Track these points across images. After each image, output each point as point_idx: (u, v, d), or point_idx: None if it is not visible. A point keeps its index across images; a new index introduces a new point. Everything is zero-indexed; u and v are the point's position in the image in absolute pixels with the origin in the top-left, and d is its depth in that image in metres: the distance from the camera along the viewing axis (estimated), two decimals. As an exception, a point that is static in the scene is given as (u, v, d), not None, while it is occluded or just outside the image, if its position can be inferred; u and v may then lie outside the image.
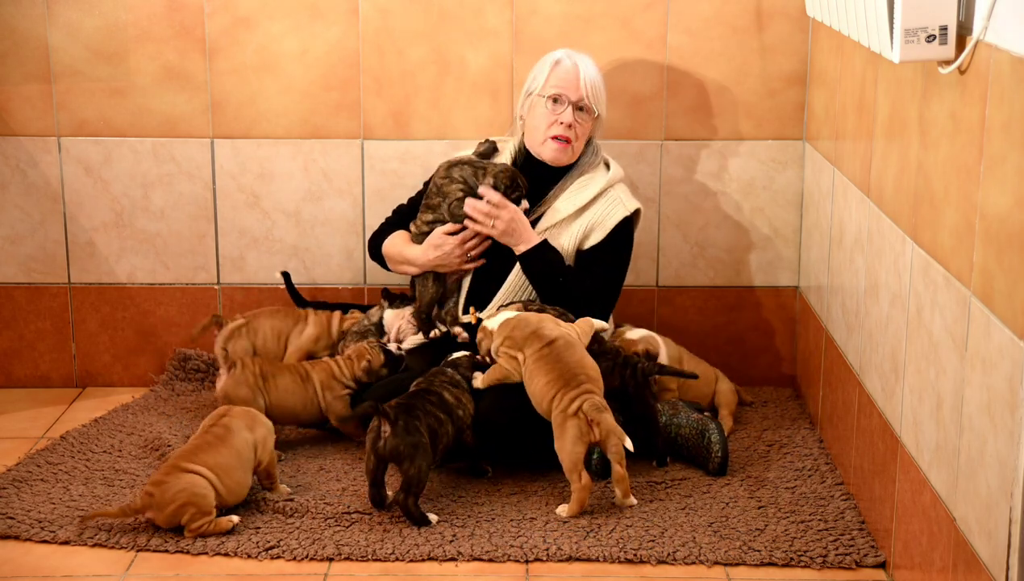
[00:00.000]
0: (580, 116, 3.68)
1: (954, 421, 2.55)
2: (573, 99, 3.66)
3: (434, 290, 3.76)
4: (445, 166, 3.74)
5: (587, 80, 3.67)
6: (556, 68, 3.69)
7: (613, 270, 3.70)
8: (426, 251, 3.73)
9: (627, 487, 3.30)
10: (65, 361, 4.29)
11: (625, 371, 3.52)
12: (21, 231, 4.19)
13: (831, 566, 3.10)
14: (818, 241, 3.88)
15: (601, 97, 3.71)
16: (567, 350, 3.35)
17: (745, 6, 4.01)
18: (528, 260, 3.66)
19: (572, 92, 3.66)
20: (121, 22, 4.05)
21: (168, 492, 3.15)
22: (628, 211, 3.70)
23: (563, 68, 3.68)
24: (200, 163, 4.16)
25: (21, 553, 3.17)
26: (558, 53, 3.72)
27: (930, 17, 2.51)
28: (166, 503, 3.15)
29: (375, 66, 4.08)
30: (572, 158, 3.73)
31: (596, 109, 3.68)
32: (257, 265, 4.23)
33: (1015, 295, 2.24)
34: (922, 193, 2.77)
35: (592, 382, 3.31)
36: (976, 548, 2.42)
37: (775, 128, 4.10)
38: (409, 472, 3.20)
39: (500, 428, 3.46)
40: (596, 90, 3.69)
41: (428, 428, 3.25)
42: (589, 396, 3.26)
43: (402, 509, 3.23)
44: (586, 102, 3.66)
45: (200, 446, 3.24)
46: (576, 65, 3.68)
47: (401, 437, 3.19)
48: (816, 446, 3.74)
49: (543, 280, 3.65)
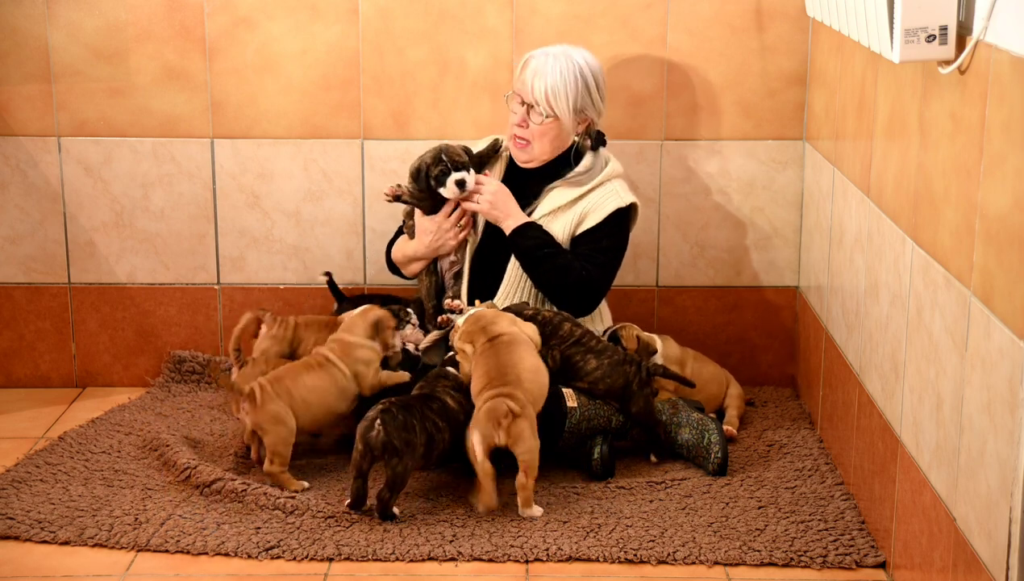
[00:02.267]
0: (533, 116, 3.66)
1: (954, 421, 2.55)
2: (526, 101, 3.67)
3: (428, 282, 3.80)
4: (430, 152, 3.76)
5: (536, 84, 3.63)
6: (524, 67, 3.70)
7: (606, 255, 3.68)
8: (421, 239, 3.77)
9: (528, 496, 3.25)
10: (65, 361, 4.29)
11: (629, 369, 3.52)
12: (21, 231, 4.19)
13: (831, 566, 3.10)
14: (818, 241, 3.88)
15: (560, 101, 3.63)
16: (506, 348, 3.32)
17: (745, 6, 4.01)
18: (518, 237, 3.65)
19: (525, 94, 3.66)
20: (121, 22, 4.05)
21: (266, 411, 3.36)
22: (623, 203, 3.70)
23: (528, 68, 3.68)
24: (200, 163, 4.16)
25: (21, 553, 3.17)
26: (539, 50, 3.71)
27: (930, 17, 2.51)
28: (264, 419, 3.37)
29: (375, 66, 4.08)
30: (533, 159, 3.72)
31: (547, 112, 3.64)
32: (257, 265, 4.23)
33: (1015, 295, 2.24)
34: (922, 193, 2.77)
35: (517, 384, 3.25)
36: (976, 548, 2.42)
37: (775, 128, 4.10)
38: (396, 469, 3.19)
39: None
40: (549, 93, 3.62)
41: (426, 433, 3.24)
42: (502, 399, 3.21)
43: (379, 503, 3.24)
44: (536, 107, 3.64)
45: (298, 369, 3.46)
46: (534, 66, 3.65)
47: (397, 432, 3.18)
48: (816, 446, 3.74)
49: (534, 261, 3.64)
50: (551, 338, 3.54)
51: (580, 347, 3.55)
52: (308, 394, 3.45)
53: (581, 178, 3.72)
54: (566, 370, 3.54)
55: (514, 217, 3.67)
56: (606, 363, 3.53)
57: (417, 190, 3.75)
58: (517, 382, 3.26)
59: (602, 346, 3.57)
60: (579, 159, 3.74)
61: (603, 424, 3.56)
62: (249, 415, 3.39)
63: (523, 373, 3.28)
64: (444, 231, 3.75)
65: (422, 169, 3.71)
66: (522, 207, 3.71)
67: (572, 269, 3.63)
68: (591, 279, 3.65)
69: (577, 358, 3.54)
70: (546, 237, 3.66)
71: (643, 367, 3.53)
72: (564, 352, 3.53)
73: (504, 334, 3.36)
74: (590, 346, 3.55)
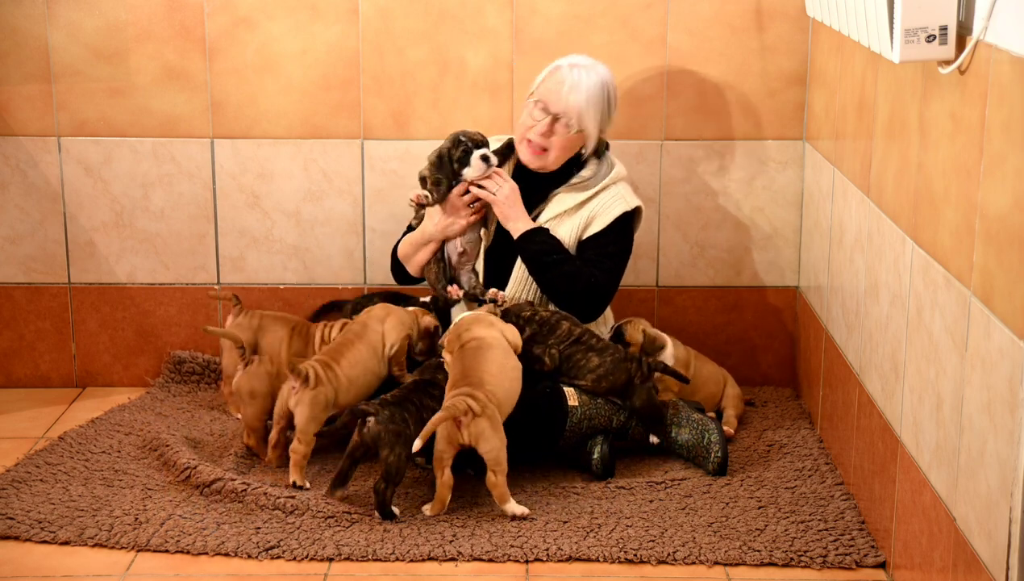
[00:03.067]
0: (559, 128, 3.66)
1: (954, 421, 2.55)
2: (553, 111, 3.65)
3: (436, 269, 3.79)
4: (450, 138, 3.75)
5: (573, 100, 3.61)
6: (552, 75, 3.68)
7: (613, 260, 3.68)
8: (431, 218, 3.75)
9: (502, 493, 3.25)
10: (65, 361, 4.29)
11: (631, 365, 3.53)
12: (21, 231, 4.19)
13: (831, 566, 3.10)
14: (818, 241, 3.88)
15: (589, 117, 3.64)
16: (472, 353, 3.33)
17: (745, 6, 4.01)
18: (525, 241, 3.65)
19: (553, 104, 3.65)
20: (121, 22, 4.05)
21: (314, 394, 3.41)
22: (629, 206, 3.70)
23: (556, 78, 3.66)
24: (200, 163, 4.16)
25: (21, 553, 3.17)
26: (565, 60, 3.69)
27: (930, 17, 2.51)
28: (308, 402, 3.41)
29: (375, 66, 4.08)
30: (547, 166, 3.71)
31: (575, 126, 3.64)
32: (257, 265, 4.23)
33: (1015, 295, 2.24)
34: (922, 193, 2.77)
35: (479, 385, 3.25)
36: (976, 548, 2.42)
37: (775, 128, 4.10)
38: (388, 459, 3.21)
39: None
40: (580, 110, 3.62)
41: (421, 423, 3.25)
42: (462, 398, 3.22)
43: (376, 497, 3.25)
44: (564, 119, 3.63)
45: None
46: (568, 79, 3.63)
47: (385, 424, 3.22)
48: (816, 446, 3.74)
49: (542, 266, 3.63)
50: (548, 337, 3.55)
51: (580, 346, 3.55)
52: (351, 370, 3.53)
53: (587, 183, 3.72)
54: (568, 369, 3.55)
55: (523, 220, 3.67)
56: (608, 360, 3.53)
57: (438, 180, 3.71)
58: (479, 383, 3.26)
59: (603, 344, 3.57)
60: (582, 165, 3.74)
61: (604, 423, 3.56)
62: (298, 394, 3.44)
63: (485, 375, 3.28)
64: (456, 210, 3.73)
65: (444, 155, 3.69)
66: (527, 210, 3.70)
67: (581, 276, 3.63)
68: (599, 285, 3.66)
69: (578, 356, 3.54)
70: (553, 242, 3.66)
71: (644, 363, 3.54)
72: (564, 351, 3.54)
73: (473, 339, 3.37)
74: (591, 344, 3.56)
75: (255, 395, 3.59)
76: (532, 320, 3.56)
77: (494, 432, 3.23)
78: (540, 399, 3.50)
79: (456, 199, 3.71)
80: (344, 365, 3.51)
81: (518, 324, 3.54)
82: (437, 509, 3.28)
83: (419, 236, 3.80)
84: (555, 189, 3.73)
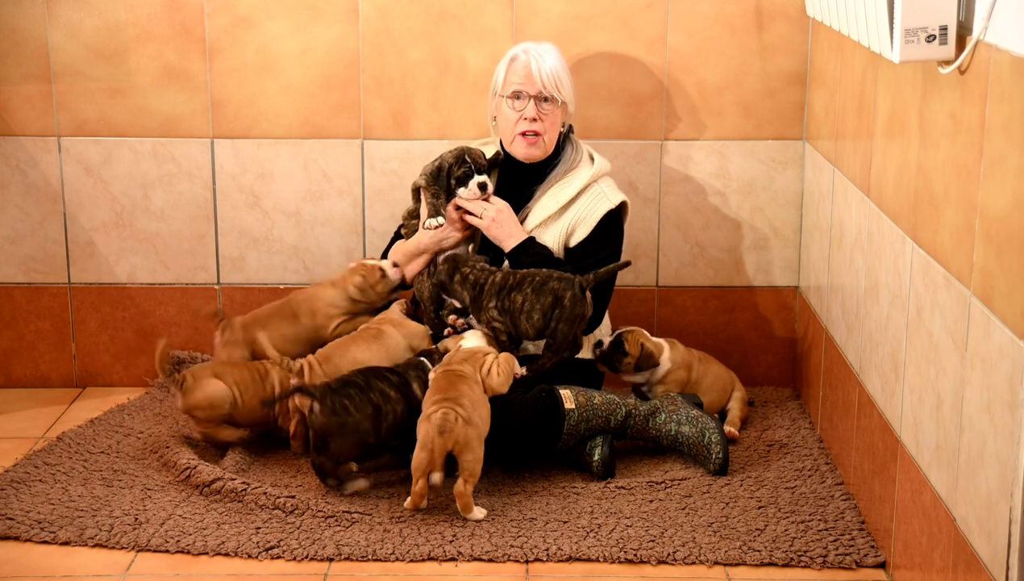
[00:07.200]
0: (545, 107, 3.68)
1: (954, 421, 2.55)
2: (532, 92, 3.67)
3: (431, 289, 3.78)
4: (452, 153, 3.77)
5: (543, 70, 3.67)
6: (512, 65, 3.71)
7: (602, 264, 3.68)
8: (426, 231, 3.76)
9: (467, 502, 3.26)
10: (65, 361, 4.29)
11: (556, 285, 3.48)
12: (21, 231, 4.19)
13: (831, 566, 3.11)
14: (818, 241, 3.88)
15: (564, 84, 3.70)
16: (448, 377, 3.34)
17: (745, 6, 4.01)
18: (519, 253, 3.66)
19: (530, 86, 3.67)
20: (121, 22, 4.05)
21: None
22: (612, 204, 3.70)
23: (519, 63, 3.70)
24: (200, 163, 4.16)
25: (21, 553, 3.17)
26: (514, 49, 3.74)
27: (930, 17, 2.52)
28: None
29: (375, 66, 4.08)
30: (545, 151, 3.74)
31: (559, 97, 3.68)
32: (257, 265, 4.23)
33: (1015, 295, 2.24)
34: (922, 193, 2.77)
35: (455, 401, 3.25)
36: (976, 548, 2.42)
37: (775, 128, 4.10)
38: (332, 446, 3.34)
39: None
40: (555, 78, 3.68)
41: (371, 405, 3.33)
42: (450, 409, 3.23)
43: (313, 465, 3.41)
44: (546, 92, 3.67)
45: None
46: (530, 58, 3.68)
47: (327, 416, 3.31)
48: (816, 446, 3.74)
49: None
50: (482, 299, 3.55)
51: (505, 291, 3.51)
52: (355, 366, 3.53)
53: (566, 170, 3.72)
54: (513, 327, 3.53)
55: (514, 237, 3.68)
56: (529, 291, 3.50)
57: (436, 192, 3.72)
58: (456, 399, 3.27)
59: (518, 278, 3.53)
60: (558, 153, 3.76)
61: (601, 424, 3.56)
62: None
63: (464, 399, 3.28)
64: (452, 221, 3.74)
65: (443, 168, 3.71)
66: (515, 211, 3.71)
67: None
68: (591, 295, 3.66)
69: (507, 304, 3.52)
70: (546, 253, 3.67)
71: (576, 281, 3.49)
72: (499, 307, 3.52)
73: (453, 370, 3.39)
74: (510, 284, 3.53)
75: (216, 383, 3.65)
76: (466, 281, 3.57)
77: (479, 444, 3.26)
78: (536, 404, 3.49)
79: (451, 212, 3.73)
80: (348, 361, 3.57)
81: (456, 290, 3.58)
82: (410, 506, 3.30)
83: (413, 246, 3.81)
84: (537, 184, 3.74)
